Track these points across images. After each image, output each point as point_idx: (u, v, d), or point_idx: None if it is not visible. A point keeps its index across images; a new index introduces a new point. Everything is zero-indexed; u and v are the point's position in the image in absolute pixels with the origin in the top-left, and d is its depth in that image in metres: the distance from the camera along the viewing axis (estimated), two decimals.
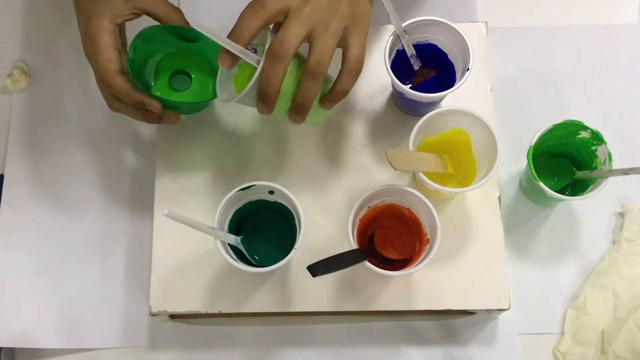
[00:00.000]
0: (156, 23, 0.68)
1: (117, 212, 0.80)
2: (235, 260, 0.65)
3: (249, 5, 0.58)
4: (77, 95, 0.84)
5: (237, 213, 0.68)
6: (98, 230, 0.79)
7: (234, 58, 0.59)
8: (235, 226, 0.69)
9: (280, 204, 0.69)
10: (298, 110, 0.62)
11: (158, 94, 0.72)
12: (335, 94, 0.63)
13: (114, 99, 0.66)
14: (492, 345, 0.75)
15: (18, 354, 0.77)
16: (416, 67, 0.72)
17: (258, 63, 0.59)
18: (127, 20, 0.67)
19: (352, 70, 0.61)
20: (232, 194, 0.65)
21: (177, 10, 0.68)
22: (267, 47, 0.59)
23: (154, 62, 0.72)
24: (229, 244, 0.66)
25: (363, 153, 0.75)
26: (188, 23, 0.68)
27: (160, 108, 0.66)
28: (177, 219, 0.58)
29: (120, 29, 0.68)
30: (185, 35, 0.70)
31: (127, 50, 0.67)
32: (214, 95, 0.67)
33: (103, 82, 0.65)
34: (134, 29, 0.68)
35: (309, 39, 0.60)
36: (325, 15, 0.59)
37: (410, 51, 0.70)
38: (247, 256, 0.69)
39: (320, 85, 0.61)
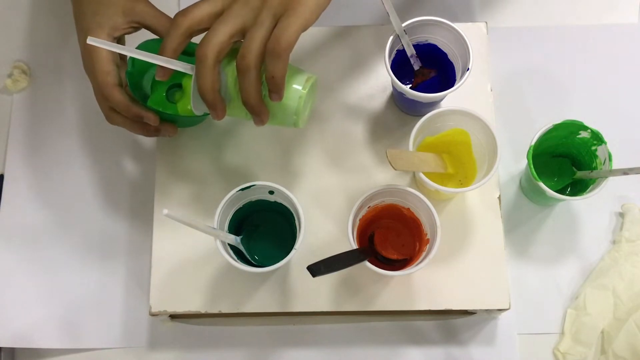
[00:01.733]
0: (154, 36, 0.69)
1: (118, 212, 0.80)
2: (235, 260, 0.65)
3: (175, 15, 0.60)
4: (77, 95, 0.84)
5: (237, 213, 0.68)
6: (98, 230, 0.79)
7: (166, 69, 0.60)
8: (235, 226, 0.69)
9: (281, 204, 0.69)
10: (251, 111, 0.60)
11: (155, 107, 0.71)
12: (267, 82, 0.59)
13: (112, 112, 0.67)
14: (492, 345, 0.75)
15: (18, 354, 0.77)
16: (416, 67, 0.72)
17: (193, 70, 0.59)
18: (125, 34, 0.67)
19: (270, 52, 0.57)
20: (232, 194, 0.65)
21: None
22: None
23: (151, 75, 0.72)
24: (229, 244, 0.66)
25: (363, 153, 0.75)
26: None
27: (158, 121, 0.67)
28: (177, 219, 0.58)
29: (119, 43, 0.68)
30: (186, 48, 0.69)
31: (126, 63, 0.68)
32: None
33: (101, 95, 0.66)
34: (134, 42, 0.68)
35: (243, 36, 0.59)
36: (254, 8, 0.58)
37: (410, 51, 0.70)
38: (247, 256, 0.69)
39: (254, 80, 0.58)
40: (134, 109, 0.65)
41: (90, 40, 0.59)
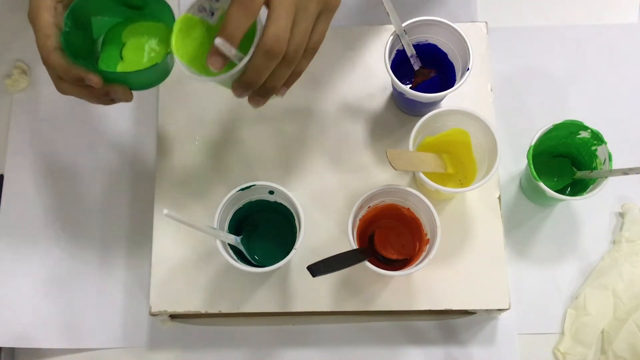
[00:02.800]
0: None
1: (117, 212, 0.80)
2: (235, 260, 0.65)
3: (237, 3, 0.55)
4: None
5: (237, 213, 0.68)
6: (98, 230, 0.79)
7: (225, 59, 0.56)
8: (235, 226, 0.69)
9: (280, 204, 0.68)
10: (246, 88, 0.58)
11: (105, 68, 0.64)
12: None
13: (59, 80, 0.62)
14: (492, 345, 0.75)
15: (18, 354, 0.77)
16: (416, 67, 0.72)
17: (239, 59, 0.56)
18: None
19: (311, 49, 0.58)
20: (232, 194, 0.65)
21: None
22: (257, 39, 0.56)
23: (100, 37, 0.66)
24: (228, 244, 0.66)
25: (363, 153, 0.75)
26: None
27: (100, 82, 0.59)
28: (177, 219, 0.58)
29: (66, 7, 0.62)
30: (130, 1, 0.64)
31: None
32: (163, 60, 0.61)
33: (44, 63, 0.60)
34: None
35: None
36: (306, 0, 0.56)
37: (410, 51, 0.70)
38: (247, 256, 0.69)
39: (271, 66, 0.56)
40: (72, 71, 0.59)
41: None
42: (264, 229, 0.72)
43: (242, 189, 0.66)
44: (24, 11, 0.83)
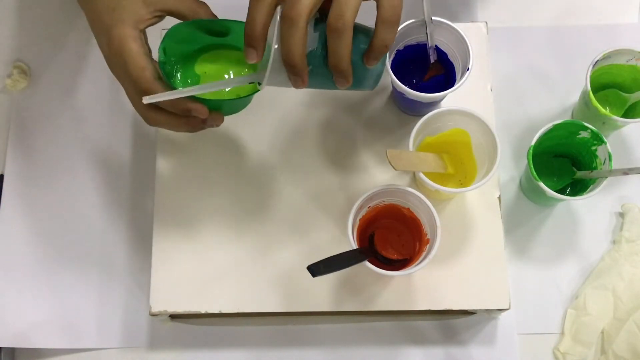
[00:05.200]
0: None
1: (117, 212, 0.80)
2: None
3: None
4: (77, 95, 0.84)
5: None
6: (98, 230, 0.79)
7: (259, 48, 0.55)
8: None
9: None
10: (339, 75, 0.56)
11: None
12: (374, 50, 0.56)
13: (152, 112, 0.60)
14: (492, 345, 0.75)
15: (18, 354, 0.77)
16: (432, 60, 0.72)
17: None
18: (150, 25, 0.62)
19: (387, 20, 0.54)
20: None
21: (202, 4, 0.63)
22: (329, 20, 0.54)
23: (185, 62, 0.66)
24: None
25: (363, 153, 0.75)
26: (215, 16, 0.63)
27: (207, 113, 0.60)
28: (159, 98, 0.56)
29: (144, 35, 0.62)
30: (214, 29, 0.64)
31: (156, 56, 0.62)
32: (255, 88, 0.61)
33: (139, 93, 0.59)
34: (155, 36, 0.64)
35: None
36: None
37: (431, 42, 0.70)
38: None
39: (349, 41, 0.54)
40: (180, 102, 0.58)
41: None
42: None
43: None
44: (24, 11, 0.83)
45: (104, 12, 0.60)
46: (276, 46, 0.54)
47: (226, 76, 0.66)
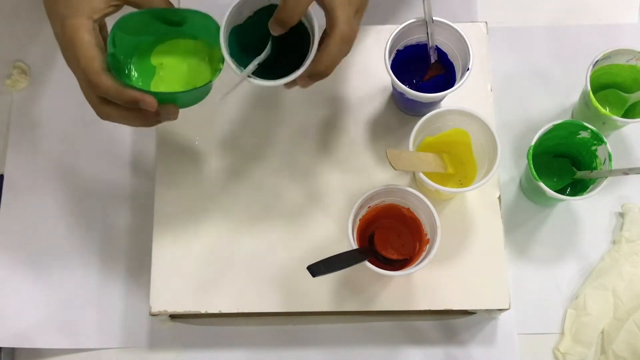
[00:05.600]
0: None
1: (117, 212, 0.80)
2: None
3: None
4: (77, 95, 0.83)
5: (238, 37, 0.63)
6: (98, 230, 0.79)
7: (286, 19, 0.56)
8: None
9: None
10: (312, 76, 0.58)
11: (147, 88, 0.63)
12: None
13: (103, 104, 0.59)
14: (492, 345, 0.75)
15: (18, 354, 0.77)
16: (433, 60, 0.72)
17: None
18: (106, 15, 0.60)
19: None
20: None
21: None
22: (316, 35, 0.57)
23: (137, 54, 0.64)
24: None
25: (363, 153, 0.75)
26: (171, 4, 0.62)
27: (156, 104, 0.58)
28: (231, 89, 0.58)
29: (101, 27, 0.60)
30: (170, 18, 0.62)
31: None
32: (211, 77, 0.61)
33: (88, 85, 0.58)
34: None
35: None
36: None
37: (432, 42, 0.70)
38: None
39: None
40: (127, 93, 0.57)
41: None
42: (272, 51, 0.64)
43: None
44: (24, 11, 0.83)
45: (61, 2, 0.59)
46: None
47: (185, 65, 0.65)
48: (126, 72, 0.62)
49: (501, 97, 0.81)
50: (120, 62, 0.61)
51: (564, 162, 0.76)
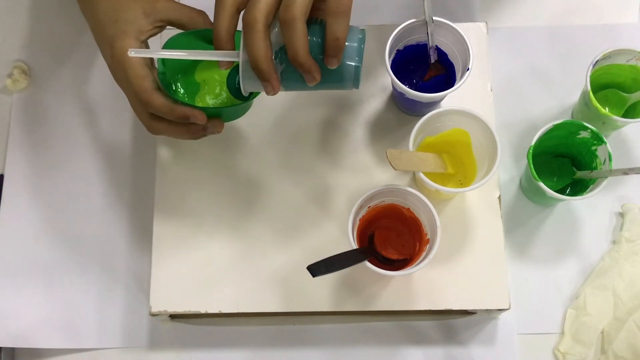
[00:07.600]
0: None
1: (118, 212, 0.80)
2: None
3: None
4: (77, 95, 0.84)
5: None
6: (98, 230, 0.79)
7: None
8: None
9: None
10: (301, 69, 0.54)
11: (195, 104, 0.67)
12: (328, 45, 0.54)
13: (153, 120, 0.62)
14: (492, 345, 0.75)
15: (18, 354, 0.77)
16: (432, 60, 0.72)
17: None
18: (152, 35, 0.63)
19: (335, 12, 0.53)
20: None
21: (201, 13, 0.65)
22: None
23: (184, 72, 0.67)
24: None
25: (363, 153, 0.75)
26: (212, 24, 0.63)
27: (205, 119, 0.61)
28: (144, 54, 0.58)
29: (145, 47, 0.64)
30: (212, 37, 0.64)
31: (156, 66, 0.64)
32: (254, 95, 0.64)
33: (140, 103, 0.61)
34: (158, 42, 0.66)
35: None
36: None
37: (432, 42, 0.70)
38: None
39: (301, 32, 0.52)
40: (178, 110, 0.60)
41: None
42: None
43: None
44: (24, 11, 0.83)
45: (107, 23, 0.62)
46: (243, 53, 0.54)
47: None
48: (173, 88, 0.66)
49: (501, 97, 0.81)
50: (168, 79, 0.65)
51: (564, 162, 0.76)
